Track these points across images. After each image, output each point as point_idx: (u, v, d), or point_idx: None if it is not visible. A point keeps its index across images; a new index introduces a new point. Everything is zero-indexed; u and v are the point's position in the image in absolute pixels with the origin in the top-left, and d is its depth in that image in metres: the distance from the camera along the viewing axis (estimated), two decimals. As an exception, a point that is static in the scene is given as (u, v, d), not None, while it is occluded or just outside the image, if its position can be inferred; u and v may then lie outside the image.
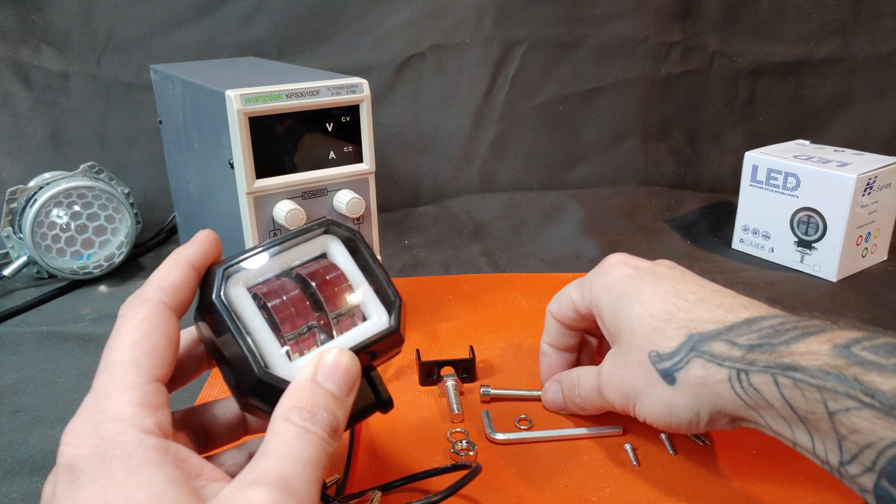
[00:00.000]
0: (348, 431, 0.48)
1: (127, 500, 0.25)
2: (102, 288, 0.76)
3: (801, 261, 0.76)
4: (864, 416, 0.31)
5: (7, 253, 0.76)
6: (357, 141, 0.57)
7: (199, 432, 0.36)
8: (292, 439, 0.28)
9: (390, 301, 0.35)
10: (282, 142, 0.54)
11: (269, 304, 0.33)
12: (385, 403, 0.35)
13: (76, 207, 0.75)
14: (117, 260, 0.78)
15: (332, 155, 0.56)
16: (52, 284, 0.76)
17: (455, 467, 0.43)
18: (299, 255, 0.36)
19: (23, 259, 0.74)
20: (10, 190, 0.73)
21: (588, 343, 0.53)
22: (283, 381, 0.31)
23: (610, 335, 0.45)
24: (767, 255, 0.79)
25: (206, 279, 0.33)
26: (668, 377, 0.40)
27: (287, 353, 0.33)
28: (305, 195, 0.56)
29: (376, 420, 0.51)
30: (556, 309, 0.50)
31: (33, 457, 0.49)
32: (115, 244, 0.78)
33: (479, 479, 0.44)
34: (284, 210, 0.54)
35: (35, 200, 0.73)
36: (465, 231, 0.89)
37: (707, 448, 0.47)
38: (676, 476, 0.45)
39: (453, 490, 0.39)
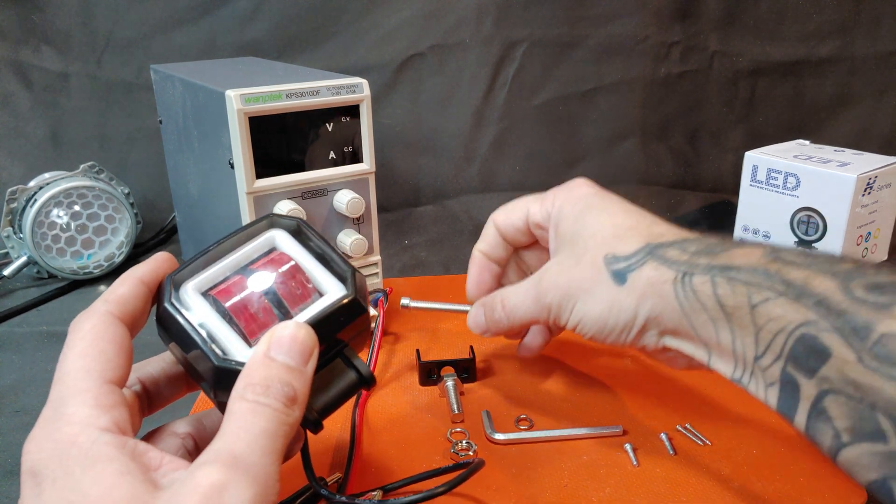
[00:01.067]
0: (349, 431, 0.48)
1: (83, 496, 0.25)
2: (102, 288, 0.76)
3: (801, 261, 0.76)
4: (778, 304, 0.34)
5: (7, 253, 0.76)
6: (357, 141, 0.57)
7: (141, 396, 0.36)
8: (245, 415, 0.28)
9: (343, 274, 0.35)
10: (282, 142, 0.54)
11: (224, 305, 0.33)
12: (366, 379, 0.35)
13: (76, 207, 0.75)
14: (117, 260, 0.78)
15: (332, 155, 0.56)
16: (52, 284, 0.76)
17: (457, 466, 0.43)
18: (249, 252, 0.36)
19: (23, 259, 0.74)
20: (10, 190, 0.73)
21: (516, 264, 0.54)
22: (240, 364, 0.31)
23: (564, 242, 0.46)
24: (767, 255, 0.79)
25: (159, 292, 0.34)
26: (620, 277, 0.41)
27: (247, 343, 0.33)
28: (305, 195, 0.56)
29: (376, 420, 0.51)
30: (504, 219, 0.51)
31: (33, 457, 0.48)
32: (115, 244, 0.78)
33: (479, 478, 0.44)
34: (284, 210, 0.54)
35: (35, 200, 0.73)
36: (465, 231, 0.89)
37: (707, 448, 0.47)
38: (676, 476, 0.45)
39: (455, 483, 0.39)
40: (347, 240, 0.57)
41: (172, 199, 0.79)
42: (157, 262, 0.34)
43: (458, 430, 0.49)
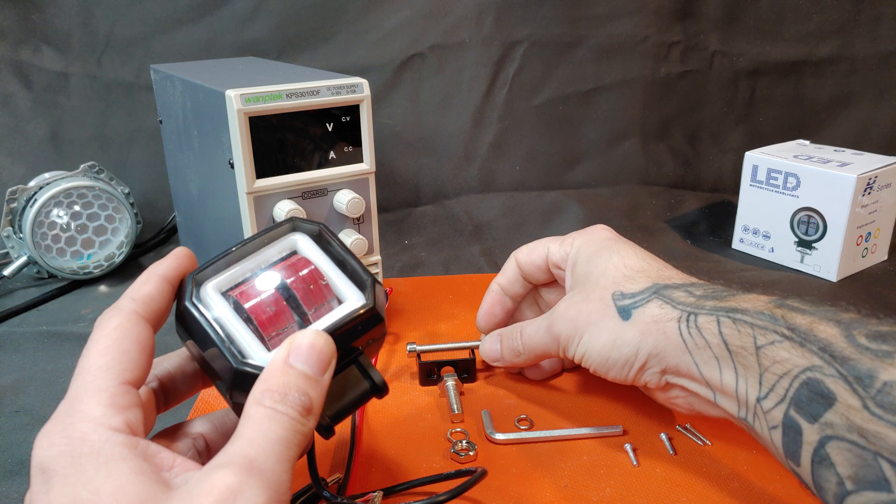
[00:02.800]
0: (349, 431, 0.48)
1: (95, 493, 0.25)
2: (102, 288, 0.76)
3: (802, 261, 0.76)
4: (784, 348, 0.35)
5: (7, 253, 0.76)
6: (357, 141, 0.57)
7: (157, 393, 0.36)
8: (262, 421, 0.28)
9: (363, 282, 0.35)
10: (282, 142, 0.54)
11: (244, 305, 0.33)
12: (379, 388, 0.35)
13: (76, 207, 0.75)
14: (117, 260, 0.78)
15: (332, 155, 0.56)
16: (52, 284, 0.76)
17: (459, 473, 0.43)
18: (270, 255, 0.36)
19: (23, 259, 0.74)
20: (10, 190, 0.73)
21: (535, 300, 0.56)
22: (259, 368, 0.31)
23: (578, 280, 0.48)
24: (767, 255, 0.79)
25: (180, 290, 0.34)
26: (625, 312, 0.43)
27: (265, 345, 0.33)
28: (305, 195, 0.56)
29: (376, 420, 0.51)
30: (525, 256, 0.53)
31: (33, 457, 0.48)
32: (115, 244, 0.78)
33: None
34: (284, 210, 0.54)
35: (35, 200, 0.73)
36: (465, 231, 0.89)
37: (707, 448, 0.47)
38: (676, 476, 0.45)
39: (457, 492, 0.39)
40: (347, 240, 0.57)
41: (172, 199, 0.79)
42: (178, 260, 0.35)
43: (458, 430, 0.49)
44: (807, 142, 0.83)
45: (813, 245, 0.74)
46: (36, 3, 0.91)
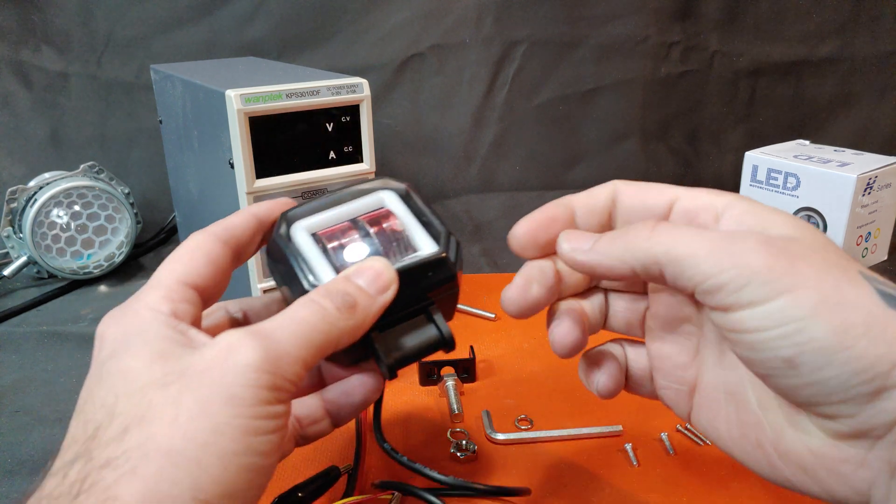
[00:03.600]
0: (353, 422, 0.48)
1: (133, 356, 0.28)
2: (102, 288, 0.76)
3: (801, 261, 0.76)
4: None
5: (7, 253, 0.76)
6: (357, 141, 0.57)
7: (241, 324, 0.37)
8: (295, 306, 0.30)
9: (438, 235, 0.36)
10: (282, 142, 0.54)
11: (328, 245, 0.35)
12: (447, 341, 0.35)
13: (76, 207, 0.75)
14: (117, 260, 0.78)
15: (332, 155, 0.56)
16: (52, 284, 0.76)
17: (500, 491, 0.43)
18: (359, 206, 0.37)
19: (23, 259, 0.74)
20: (10, 190, 0.73)
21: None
22: None
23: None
24: (767, 255, 0.79)
25: (272, 227, 0.36)
26: (890, 300, 0.25)
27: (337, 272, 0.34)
28: (306, 195, 0.56)
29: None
30: (634, 192, 0.34)
31: (33, 457, 0.48)
32: (115, 244, 0.78)
33: (478, 479, 0.44)
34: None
35: (35, 200, 0.73)
36: (465, 231, 0.89)
37: (707, 448, 0.47)
38: (676, 476, 0.45)
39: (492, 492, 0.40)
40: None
41: (172, 199, 0.79)
42: (275, 204, 0.36)
43: (458, 430, 0.49)
44: (807, 142, 0.83)
45: (813, 245, 0.74)
46: (36, 3, 0.91)
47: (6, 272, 0.73)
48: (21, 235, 0.73)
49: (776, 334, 0.25)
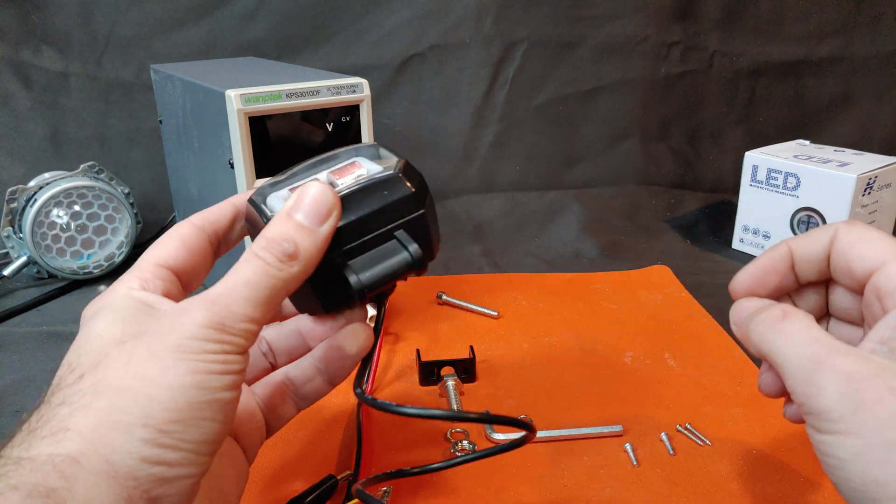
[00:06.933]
0: (356, 424, 0.48)
1: (102, 330, 0.30)
2: (102, 288, 0.76)
3: (801, 261, 0.76)
4: None
5: (7, 253, 0.76)
6: (357, 141, 0.57)
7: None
8: (240, 264, 0.30)
9: (394, 163, 0.36)
10: (282, 142, 0.54)
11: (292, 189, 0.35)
12: (416, 261, 0.34)
13: (76, 207, 0.75)
14: (117, 260, 0.78)
15: (332, 155, 0.56)
16: (52, 284, 0.76)
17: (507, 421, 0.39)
18: (329, 165, 0.37)
19: (23, 259, 0.74)
20: (10, 190, 0.73)
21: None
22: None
23: None
24: (767, 255, 0.79)
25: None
26: None
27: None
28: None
29: (376, 420, 0.51)
30: (848, 247, 0.33)
31: (33, 457, 0.48)
32: (115, 244, 0.78)
33: (478, 479, 0.44)
34: None
35: (35, 200, 0.73)
36: (465, 231, 0.89)
37: (707, 448, 0.47)
38: (676, 476, 0.45)
39: (509, 446, 0.38)
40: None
41: (172, 199, 0.79)
42: (252, 191, 0.38)
43: (458, 430, 0.49)
44: (807, 142, 0.83)
45: (813, 245, 0.74)
46: (36, 3, 0.91)
47: (6, 272, 0.73)
48: (21, 235, 0.73)
49: (827, 462, 0.29)
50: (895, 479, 0.26)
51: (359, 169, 0.36)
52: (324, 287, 0.34)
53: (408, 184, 0.34)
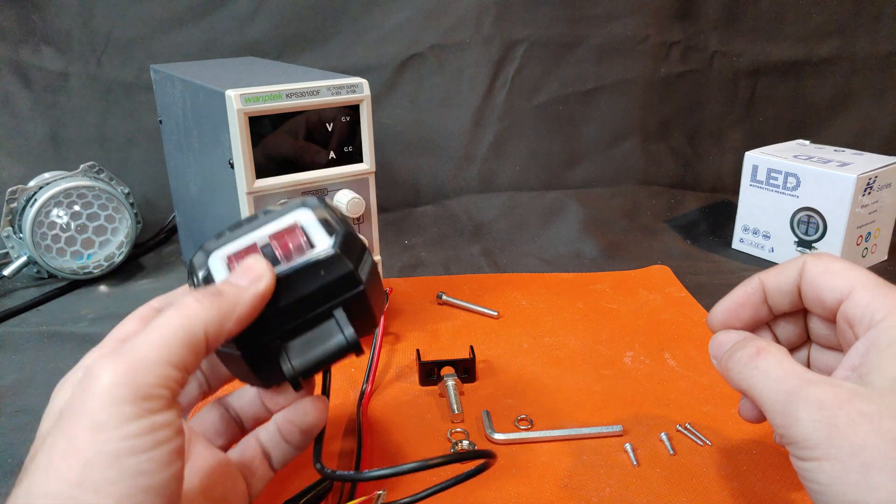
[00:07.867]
0: (356, 423, 0.48)
1: (46, 412, 0.31)
2: (102, 288, 0.76)
3: (801, 261, 0.76)
4: None
5: (7, 253, 0.76)
6: (357, 141, 0.57)
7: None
8: (159, 315, 0.30)
9: (338, 237, 0.34)
10: (282, 142, 0.54)
11: (234, 263, 0.34)
12: (350, 345, 0.34)
13: (76, 207, 0.75)
14: (117, 260, 0.78)
15: (332, 155, 0.56)
16: (52, 284, 0.76)
17: (461, 456, 0.39)
18: (272, 227, 0.36)
19: (23, 259, 0.74)
20: (10, 190, 0.73)
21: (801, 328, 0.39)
22: None
23: (870, 376, 0.31)
24: (767, 255, 0.79)
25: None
26: None
27: None
28: (305, 195, 0.56)
29: (376, 420, 0.51)
30: (818, 277, 0.35)
31: (33, 457, 0.48)
32: (115, 244, 0.78)
33: (478, 479, 0.44)
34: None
35: (35, 200, 0.73)
36: (465, 231, 0.89)
37: (707, 448, 0.47)
38: (676, 476, 0.45)
39: (464, 478, 0.37)
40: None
41: (172, 199, 0.79)
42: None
43: (458, 430, 0.49)
44: (807, 142, 0.83)
45: (813, 245, 0.74)
46: (36, 3, 0.91)
47: (6, 272, 0.73)
48: (21, 235, 0.73)
49: (810, 488, 0.29)
50: (873, 500, 0.27)
51: (297, 233, 0.35)
52: (260, 366, 0.34)
53: (347, 261, 0.34)
